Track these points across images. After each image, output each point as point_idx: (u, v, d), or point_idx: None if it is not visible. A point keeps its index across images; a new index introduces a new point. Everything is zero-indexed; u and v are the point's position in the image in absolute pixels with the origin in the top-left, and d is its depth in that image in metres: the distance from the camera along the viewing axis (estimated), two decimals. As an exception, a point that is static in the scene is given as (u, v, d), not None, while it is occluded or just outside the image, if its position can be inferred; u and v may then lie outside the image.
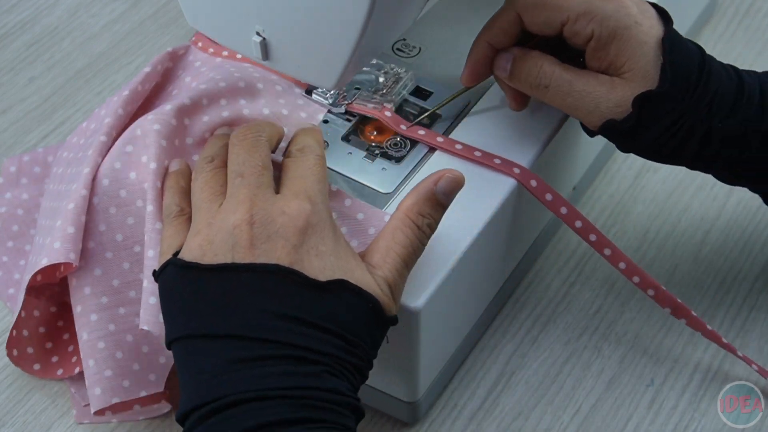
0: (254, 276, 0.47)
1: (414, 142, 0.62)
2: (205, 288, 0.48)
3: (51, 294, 0.63)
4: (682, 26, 0.80)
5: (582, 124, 0.60)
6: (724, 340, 0.61)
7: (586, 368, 0.65)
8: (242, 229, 0.48)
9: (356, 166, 0.61)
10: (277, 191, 0.51)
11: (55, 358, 0.63)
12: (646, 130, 0.57)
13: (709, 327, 0.61)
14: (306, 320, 0.47)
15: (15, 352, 0.63)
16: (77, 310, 0.58)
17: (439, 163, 0.61)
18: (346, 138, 0.63)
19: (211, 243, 0.49)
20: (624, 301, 0.68)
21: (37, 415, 0.62)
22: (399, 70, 0.65)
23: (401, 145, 0.62)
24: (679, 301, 0.60)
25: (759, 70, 0.81)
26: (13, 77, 0.81)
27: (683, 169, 0.74)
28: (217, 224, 0.49)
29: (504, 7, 0.58)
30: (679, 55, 0.55)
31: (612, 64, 0.56)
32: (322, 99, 0.64)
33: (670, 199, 0.73)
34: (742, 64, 0.81)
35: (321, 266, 0.48)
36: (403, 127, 0.62)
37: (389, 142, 0.62)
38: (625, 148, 0.59)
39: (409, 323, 0.55)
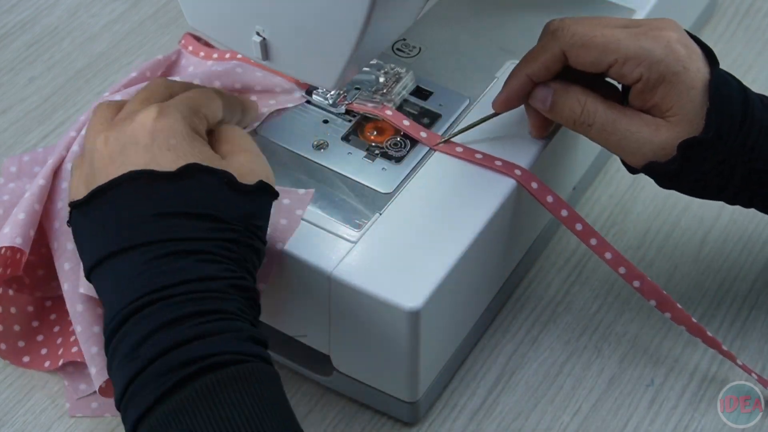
0: (118, 190, 0.49)
1: (414, 143, 0.62)
2: (91, 219, 0.51)
3: (36, 286, 0.63)
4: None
5: (622, 161, 0.60)
6: (724, 347, 0.62)
7: (586, 368, 0.65)
8: (99, 152, 0.51)
9: (356, 166, 0.61)
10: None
11: (44, 350, 0.64)
12: (689, 173, 0.57)
13: (709, 333, 0.61)
14: (174, 212, 0.49)
15: (3, 346, 0.63)
16: (68, 304, 0.59)
17: (440, 162, 0.61)
18: (346, 138, 0.63)
19: (82, 176, 0.52)
20: (624, 301, 0.68)
21: (37, 415, 0.62)
22: (399, 70, 0.65)
23: (401, 145, 0.62)
24: (679, 306, 0.60)
25: (758, 70, 0.81)
26: (13, 77, 0.82)
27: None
28: (86, 156, 0.53)
29: (548, 43, 0.57)
30: (724, 99, 0.55)
31: (657, 106, 0.56)
32: (322, 99, 0.64)
33: (670, 199, 0.73)
34: (742, 65, 0.82)
35: (173, 158, 0.50)
36: (406, 123, 0.62)
37: (389, 142, 0.62)
38: (665, 186, 0.59)
39: (409, 323, 0.56)
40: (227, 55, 0.67)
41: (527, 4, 0.71)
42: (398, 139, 0.62)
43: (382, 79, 0.65)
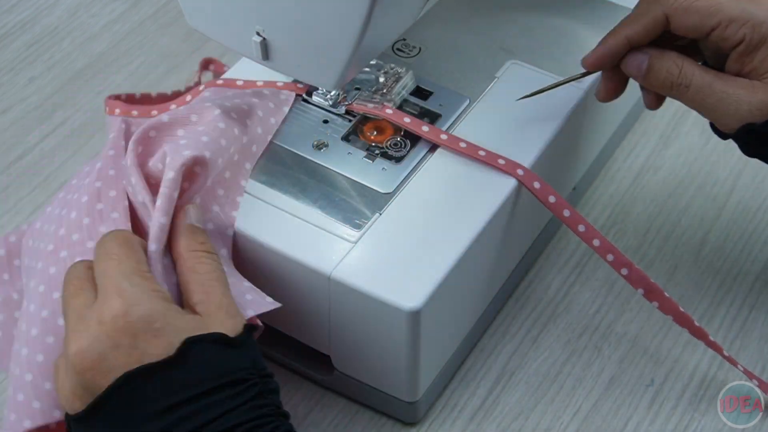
0: (118, 399, 0.46)
1: (414, 142, 0.62)
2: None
3: None
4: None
5: (713, 127, 0.59)
6: (725, 353, 0.62)
7: (586, 368, 0.65)
8: (78, 365, 0.47)
9: (356, 166, 0.61)
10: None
11: None
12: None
13: (711, 338, 0.61)
14: (192, 396, 0.46)
15: None
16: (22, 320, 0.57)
17: (439, 162, 0.61)
18: (346, 138, 0.63)
19: (64, 392, 0.48)
20: (624, 301, 0.68)
21: (37, 415, 0.62)
22: (399, 70, 0.65)
23: (401, 145, 0.62)
24: (682, 309, 0.60)
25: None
26: (14, 77, 0.82)
27: (683, 168, 0.75)
28: (62, 373, 0.48)
29: (651, 5, 0.57)
30: None
31: (755, 69, 0.56)
32: (322, 100, 0.64)
33: (670, 199, 0.73)
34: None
35: (167, 342, 0.47)
36: (407, 120, 0.62)
37: (389, 142, 0.62)
38: (753, 153, 0.59)
39: (409, 323, 0.56)
40: (188, 98, 0.64)
41: (527, 4, 0.71)
42: (398, 139, 0.62)
43: (382, 79, 0.64)
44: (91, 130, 0.78)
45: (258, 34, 0.54)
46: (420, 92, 0.65)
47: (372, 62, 0.65)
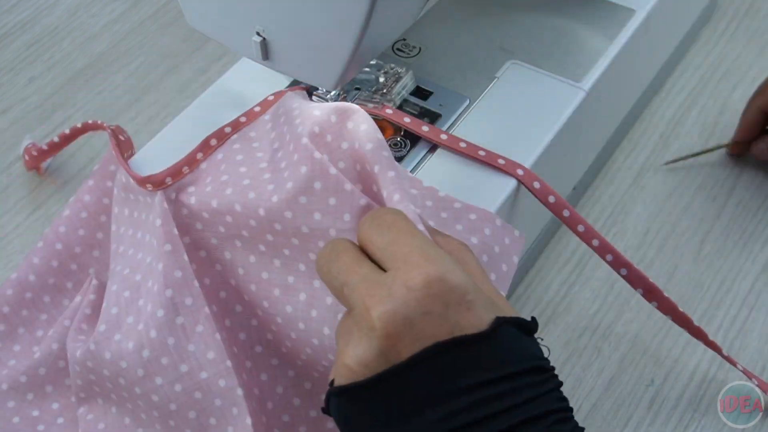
0: (421, 368, 0.43)
1: (414, 142, 0.62)
2: (379, 405, 0.44)
3: None
4: (681, 27, 0.80)
5: None
6: (725, 353, 0.62)
7: (586, 368, 0.65)
8: (381, 328, 0.43)
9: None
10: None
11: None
12: None
13: (710, 338, 0.61)
14: (502, 376, 0.43)
15: None
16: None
17: (439, 162, 0.61)
18: (345, 138, 0.63)
19: (357, 358, 0.44)
20: (624, 301, 0.68)
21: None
22: (399, 70, 0.65)
23: (401, 144, 0.62)
24: (681, 309, 0.60)
25: (759, 70, 0.81)
26: (14, 77, 0.82)
27: (683, 169, 0.75)
28: (355, 338, 0.44)
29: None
30: None
31: None
32: (322, 99, 0.64)
33: (670, 199, 0.73)
34: (742, 65, 0.82)
35: (477, 316, 0.43)
36: (407, 120, 0.62)
37: (389, 142, 0.62)
38: None
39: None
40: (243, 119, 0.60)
41: (527, 4, 0.71)
42: (398, 139, 0.62)
43: (382, 79, 0.64)
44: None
45: (258, 34, 0.53)
46: (420, 92, 0.65)
47: (372, 62, 0.65)
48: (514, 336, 0.44)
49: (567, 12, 0.71)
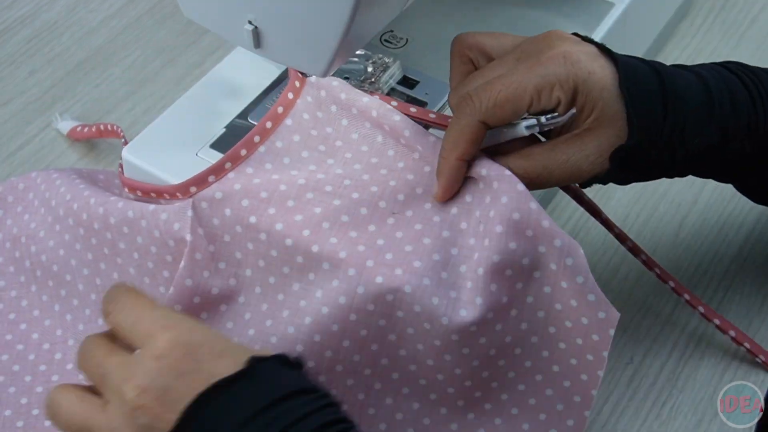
0: (196, 421, 0.45)
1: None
2: None
3: None
4: (659, 21, 0.82)
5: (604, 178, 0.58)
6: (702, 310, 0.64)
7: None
8: (141, 406, 0.45)
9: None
10: None
11: None
12: (629, 174, 0.57)
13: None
14: (267, 405, 0.45)
15: None
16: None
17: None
18: (335, 125, 0.65)
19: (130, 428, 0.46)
20: (605, 282, 0.69)
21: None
22: (387, 60, 0.67)
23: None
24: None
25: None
26: (14, 70, 0.83)
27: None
28: (123, 426, 0.46)
29: (463, 120, 0.54)
30: (640, 97, 0.54)
31: (576, 121, 0.55)
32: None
33: (649, 186, 0.74)
34: (718, 58, 0.83)
35: (232, 361, 0.46)
36: (393, 104, 0.60)
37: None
38: (632, 177, 0.58)
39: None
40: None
41: (510, -3, 0.73)
42: None
43: (370, 69, 0.66)
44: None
45: (250, 22, 0.55)
46: (407, 81, 0.67)
47: (360, 52, 0.67)
48: (274, 369, 0.46)
49: (547, 5, 0.72)
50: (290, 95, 0.59)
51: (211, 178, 0.58)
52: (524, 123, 0.54)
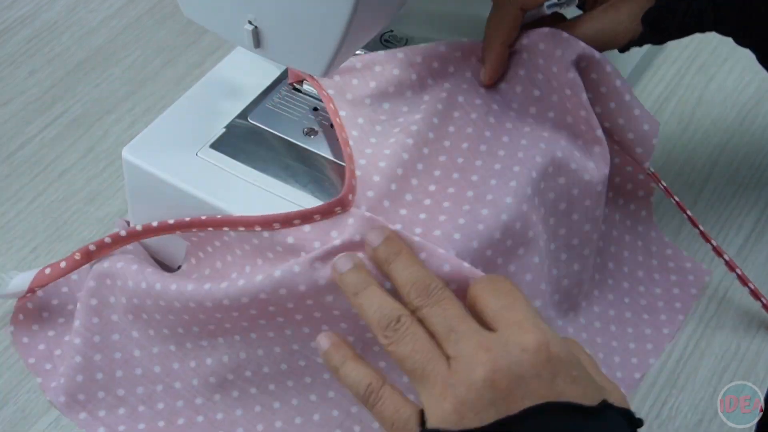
0: (531, 422, 0.45)
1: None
2: None
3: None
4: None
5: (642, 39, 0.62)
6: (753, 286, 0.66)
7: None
8: (494, 380, 0.46)
9: (345, 151, 0.63)
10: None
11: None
12: (662, 34, 0.60)
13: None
14: None
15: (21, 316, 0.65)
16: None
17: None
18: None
19: (465, 404, 0.46)
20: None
21: (39, 394, 0.64)
22: (386, 61, 0.67)
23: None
24: None
25: (732, 62, 0.83)
26: (14, 70, 0.83)
27: (662, 156, 0.77)
28: (462, 383, 0.46)
29: (503, 8, 0.60)
30: None
31: None
32: (312, 88, 0.66)
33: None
34: (717, 58, 0.83)
35: (582, 392, 0.46)
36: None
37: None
38: (666, 36, 0.61)
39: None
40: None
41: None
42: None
43: (370, 69, 0.66)
44: (89, 120, 0.79)
45: (250, 22, 0.55)
46: (407, 81, 0.67)
47: (360, 52, 0.67)
48: (620, 424, 0.47)
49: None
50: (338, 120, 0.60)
51: (337, 209, 0.56)
52: (546, 3, 0.60)
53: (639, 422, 0.48)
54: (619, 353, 0.64)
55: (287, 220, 0.56)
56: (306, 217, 0.56)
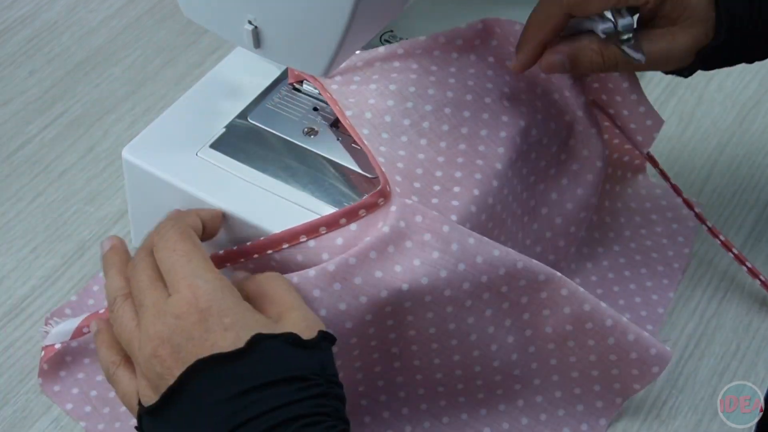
0: (190, 386, 0.48)
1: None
2: (170, 422, 0.49)
3: None
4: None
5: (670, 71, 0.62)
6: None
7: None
8: (156, 356, 0.49)
9: (345, 151, 0.63)
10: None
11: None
12: (713, 65, 0.60)
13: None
14: (256, 386, 0.47)
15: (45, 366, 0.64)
16: None
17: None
18: (335, 124, 0.65)
19: (148, 380, 0.50)
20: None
21: (38, 394, 0.64)
22: (386, 60, 0.67)
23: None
24: None
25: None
26: (14, 70, 0.83)
27: (662, 157, 0.76)
28: (141, 362, 0.50)
29: (552, 9, 0.58)
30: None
31: (667, 16, 0.58)
32: (312, 88, 0.66)
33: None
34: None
35: (233, 337, 0.48)
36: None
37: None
38: (713, 66, 0.61)
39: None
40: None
41: (511, -2, 0.73)
42: None
43: (370, 69, 0.66)
44: (89, 120, 0.79)
45: (250, 22, 0.55)
46: (407, 81, 0.67)
47: (361, 52, 0.67)
48: (275, 349, 0.49)
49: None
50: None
51: (380, 201, 0.57)
52: (601, 26, 0.57)
53: (306, 340, 0.50)
54: (638, 294, 0.67)
55: (334, 221, 0.56)
56: (351, 213, 0.56)
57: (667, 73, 0.62)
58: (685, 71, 0.61)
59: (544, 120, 0.63)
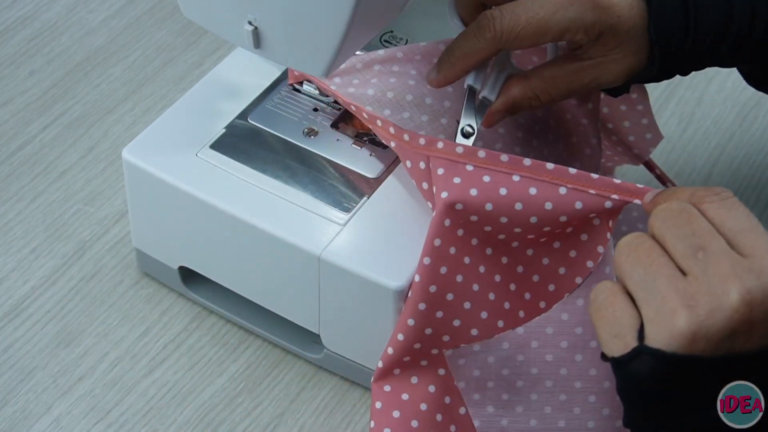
0: (761, 365, 0.43)
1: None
2: (700, 382, 0.44)
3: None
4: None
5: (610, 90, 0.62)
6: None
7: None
8: (742, 313, 0.42)
9: (345, 151, 0.63)
10: None
11: None
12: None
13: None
14: None
15: None
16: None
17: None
18: (335, 125, 0.65)
19: (702, 329, 0.42)
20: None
21: (38, 395, 0.64)
22: (386, 61, 0.67)
23: (388, 132, 0.64)
24: None
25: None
26: (14, 70, 0.83)
27: (661, 157, 0.77)
28: (704, 305, 0.42)
29: (481, 43, 0.56)
30: (666, 35, 0.56)
31: (599, 48, 0.56)
32: (312, 89, 0.66)
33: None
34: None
35: None
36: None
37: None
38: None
39: (395, 302, 0.58)
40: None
41: (510, -2, 0.73)
42: None
43: (370, 69, 0.66)
44: (89, 121, 0.79)
45: (250, 23, 0.55)
46: (406, 82, 0.67)
47: (360, 52, 0.67)
48: None
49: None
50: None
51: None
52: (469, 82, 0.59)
53: None
54: None
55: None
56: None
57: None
58: (613, 91, 0.60)
59: (543, 131, 0.63)
